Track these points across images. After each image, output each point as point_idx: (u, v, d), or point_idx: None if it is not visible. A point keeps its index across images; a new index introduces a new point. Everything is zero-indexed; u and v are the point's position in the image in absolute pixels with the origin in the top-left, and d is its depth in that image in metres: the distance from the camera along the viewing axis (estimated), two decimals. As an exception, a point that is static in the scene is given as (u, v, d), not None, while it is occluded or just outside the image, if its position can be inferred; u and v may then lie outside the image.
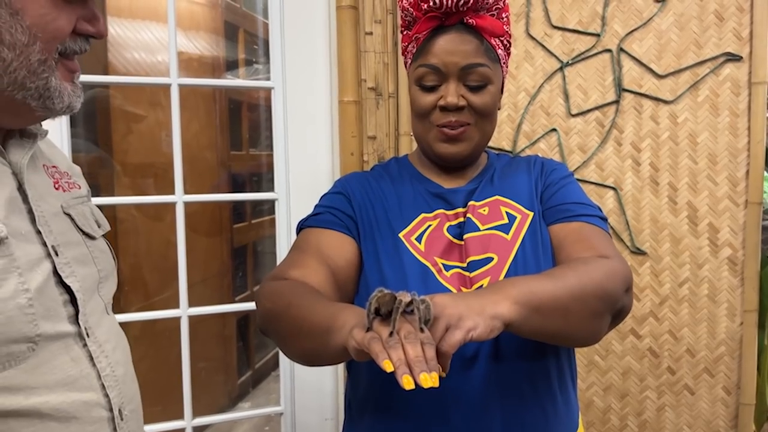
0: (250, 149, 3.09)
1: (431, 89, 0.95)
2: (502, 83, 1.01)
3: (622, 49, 1.57)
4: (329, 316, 0.74)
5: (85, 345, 0.69)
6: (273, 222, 1.67)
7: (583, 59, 1.58)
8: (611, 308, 0.84)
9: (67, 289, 0.67)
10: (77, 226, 0.74)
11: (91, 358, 0.69)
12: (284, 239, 1.61)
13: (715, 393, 1.61)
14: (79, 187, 0.80)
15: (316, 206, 1.06)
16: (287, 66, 1.57)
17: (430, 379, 0.59)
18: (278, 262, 1.62)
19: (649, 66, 1.57)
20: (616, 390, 1.62)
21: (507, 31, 0.98)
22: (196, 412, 1.56)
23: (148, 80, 1.60)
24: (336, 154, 1.61)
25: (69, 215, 0.73)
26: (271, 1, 1.56)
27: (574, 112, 1.59)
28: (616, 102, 1.58)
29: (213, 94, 2.86)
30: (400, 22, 1.02)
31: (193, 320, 1.56)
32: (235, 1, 3.09)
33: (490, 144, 1.58)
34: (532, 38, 1.59)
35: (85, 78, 1.51)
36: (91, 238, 0.77)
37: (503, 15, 0.96)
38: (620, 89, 1.58)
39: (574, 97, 1.59)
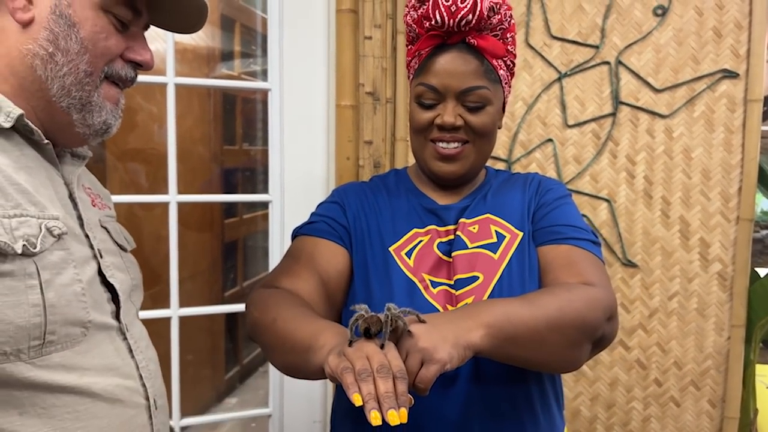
0: (244, 144, 3.08)
1: (430, 107, 0.95)
2: (504, 102, 1.01)
3: (620, 62, 1.57)
4: (311, 334, 0.76)
5: (125, 339, 0.77)
6: (265, 217, 1.66)
7: (581, 70, 1.58)
8: (591, 337, 0.84)
9: (109, 289, 0.76)
10: (112, 238, 0.82)
11: (131, 351, 0.77)
12: (277, 242, 1.61)
13: (700, 406, 1.62)
14: (110, 208, 0.90)
15: (312, 214, 1.07)
16: (285, 68, 1.56)
17: (398, 417, 0.60)
18: (271, 266, 1.62)
19: (647, 80, 1.57)
20: (603, 400, 1.63)
21: (511, 51, 0.97)
22: (182, 409, 1.56)
23: (143, 78, 1.58)
24: (332, 158, 1.60)
25: (105, 228, 0.82)
26: (271, 4, 1.54)
27: (570, 123, 1.60)
28: (613, 114, 1.58)
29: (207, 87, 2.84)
30: (405, 33, 1.02)
31: (182, 315, 1.56)
32: (232, -5, 3.05)
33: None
34: (531, 48, 1.59)
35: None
36: (124, 250, 0.85)
37: (508, 35, 0.96)
38: (617, 102, 1.58)
39: (571, 108, 1.59)
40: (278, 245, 1.60)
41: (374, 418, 0.60)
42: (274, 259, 1.62)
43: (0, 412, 0.64)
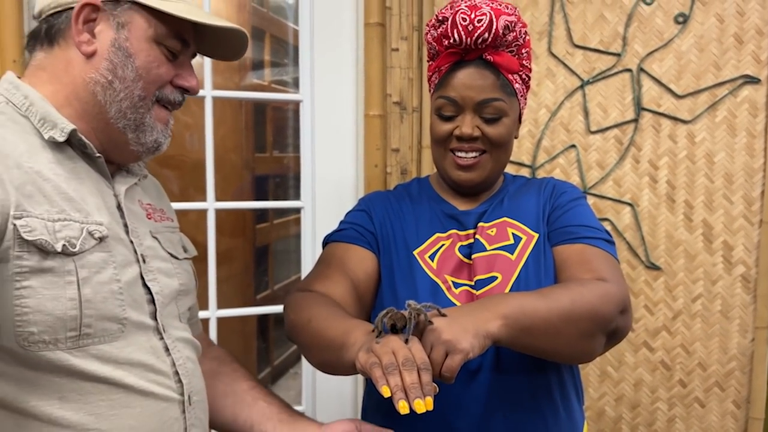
0: (274, 151, 3.16)
1: (449, 119, 1.01)
2: (520, 114, 1.06)
3: (642, 69, 1.61)
4: (343, 332, 0.83)
5: (161, 338, 0.84)
6: (295, 222, 1.73)
7: (603, 78, 1.62)
8: (604, 329, 0.89)
9: (149, 291, 0.83)
10: (163, 246, 0.89)
11: (167, 350, 0.84)
12: (308, 245, 1.67)
13: (725, 406, 1.64)
14: (171, 221, 0.99)
15: (341, 222, 1.13)
16: (316, 80, 1.63)
17: (423, 405, 0.67)
18: (303, 269, 1.69)
19: (669, 86, 1.60)
20: (627, 401, 1.66)
21: (526, 66, 1.03)
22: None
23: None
24: (360, 165, 1.66)
25: (156, 238, 0.90)
26: (302, 19, 1.62)
27: (593, 129, 1.64)
28: (635, 120, 1.62)
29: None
30: (426, 50, 1.08)
31: (219, 316, 1.63)
32: (263, 6, 3.15)
33: (512, 158, 1.63)
34: (554, 56, 1.63)
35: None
36: (175, 258, 0.92)
37: (523, 51, 1.01)
38: (639, 108, 1.61)
39: (594, 115, 1.63)
40: (310, 249, 1.67)
41: (402, 408, 0.67)
42: (306, 262, 1.68)
43: (43, 397, 0.72)
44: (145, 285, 0.83)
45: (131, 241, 0.83)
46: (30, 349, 0.70)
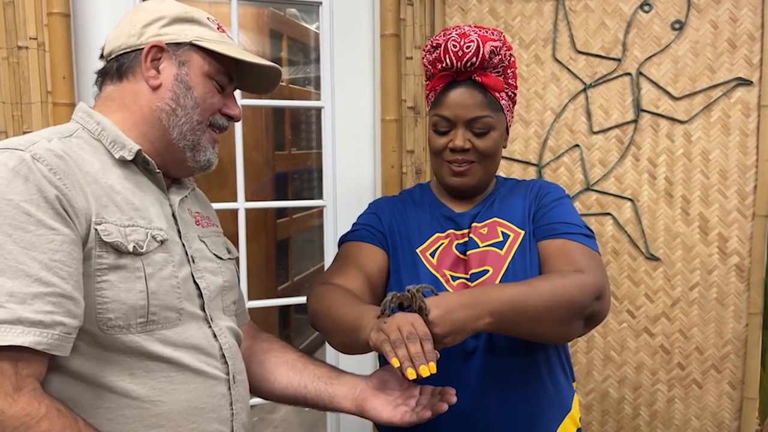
0: (292, 149, 3.29)
1: (444, 133, 1.15)
2: (508, 126, 1.19)
3: (641, 73, 1.71)
4: (357, 317, 0.96)
5: (210, 327, 0.97)
6: (311, 216, 1.86)
7: (604, 81, 1.73)
8: (580, 315, 1.01)
9: (198, 287, 0.96)
10: (209, 249, 1.03)
11: (215, 336, 0.97)
12: (331, 240, 1.80)
13: (721, 387, 1.76)
14: (216, 227, 1.12)
15: (354, 224, 1.28)
16: (336, 87, 1.75)
17: (428, 370, 0.80)
18: (325, 260, 1.82)
19: (666, 89, 1.71)
20: (629, 383, 1.78)
21: (512, 84, 1.15)
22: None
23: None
24: (378, 166, 1.79)
25: (204, 242, 1.02)
26: (323, 32, 1.74)
27: (595, 129, 1.75)
28: (635, 121, 1.73)
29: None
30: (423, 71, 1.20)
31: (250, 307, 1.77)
32: (280, 11, 3.27)
33: (520, 157, 1.76)
34: (558, 62, 1.74)
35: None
36: (220, 258, 1.06)
37: (508, 71, 1.14)
38: (638, 109, 1.72)
39: (596, 116, 1.74)
40: (332, 243, 1.80)
41: (410, 374, 0.80)
42: (329, 255, 1.82)
43: (116, 373, 0.85)
44: (194, 281, 0.96)
45: (183, 244, 0.96)
46: (108, 332, 0.83)
